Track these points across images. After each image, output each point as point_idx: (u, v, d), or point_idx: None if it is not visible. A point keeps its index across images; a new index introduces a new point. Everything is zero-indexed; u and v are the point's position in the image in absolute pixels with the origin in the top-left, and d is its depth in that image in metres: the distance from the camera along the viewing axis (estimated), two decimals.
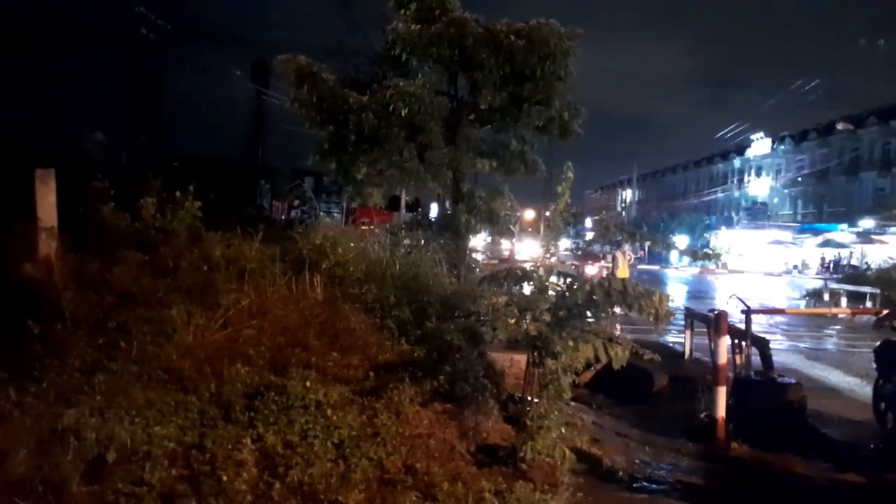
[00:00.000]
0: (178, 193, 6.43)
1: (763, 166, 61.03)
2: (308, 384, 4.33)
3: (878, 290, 19.50)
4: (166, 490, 3.33)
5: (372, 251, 7.61)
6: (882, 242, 38.07)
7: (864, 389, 8.01)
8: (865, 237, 41.06)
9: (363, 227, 13.28)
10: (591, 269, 22.22)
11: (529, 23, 9.91)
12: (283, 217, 27.87)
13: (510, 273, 5.85)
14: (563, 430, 5.06)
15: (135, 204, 6.34)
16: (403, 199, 25.24)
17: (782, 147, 58.50)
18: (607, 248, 21.11)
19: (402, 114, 9.33)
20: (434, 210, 21.71)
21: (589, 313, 5.29)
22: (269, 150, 33.52)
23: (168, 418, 3.79)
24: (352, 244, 7.20)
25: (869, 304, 18.91)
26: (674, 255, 44.90)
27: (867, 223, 41.93)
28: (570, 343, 4.96)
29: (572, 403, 6.29)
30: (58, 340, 4.19)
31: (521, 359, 6.11)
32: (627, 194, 76.95)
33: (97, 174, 6.84)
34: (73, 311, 4.51)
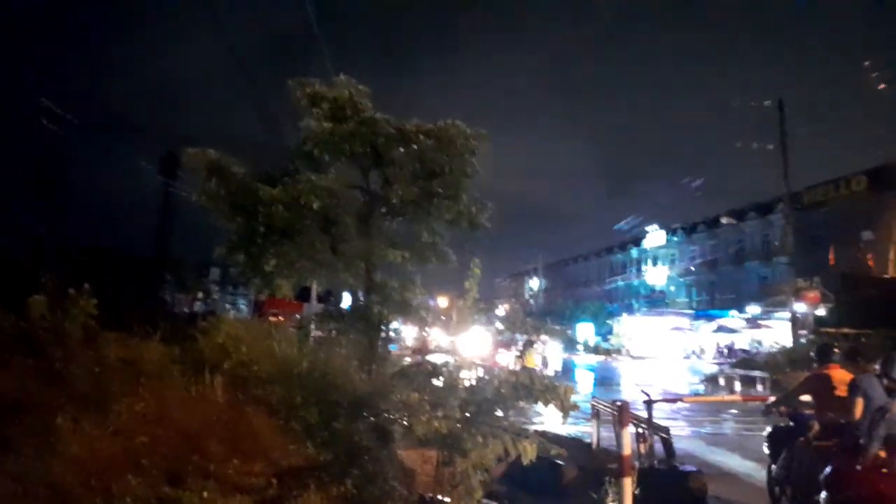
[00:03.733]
0: (71, 291, 6.11)
1: (659, 256, 64.67)
2: (205, 495, 4.10)
3: (766, 375, 20.72)
4: None
5: (278, 348, 7.41)
6: (767, 327, 40.63)
7: (759, 473, 8.34)
8: (753, 322, 43.76)
9: (272, 320, 12.92)
10: (502, 358, 22.44)
11: (438, 123, 10.39)
12: (186, 310, 26.78)
13: (421, 368, 5.87)
14: None
15: (25, 301, 5.97)
16: (315, 289, 24.87)
17: (675, 238, 62.43)
18: (517, 336, 21.45)
19: (315, 207, 9.40)
20: (346, 300, 21.48)
21: (498, 409, 5.36)
22: (176, 242, 32.56)
23: None
24: (257, 341, 7.00)
25: (759, 387, 20.02)
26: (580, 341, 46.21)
27: (754, 309, 44.82)
28: (480, 440, 4.97)
29: (483, 501, 6.22)
30: None
31: (433, 455, 6.02)
32: (534, 283, 79.20)
33: None
34: None
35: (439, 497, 5.31)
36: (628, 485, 6.55)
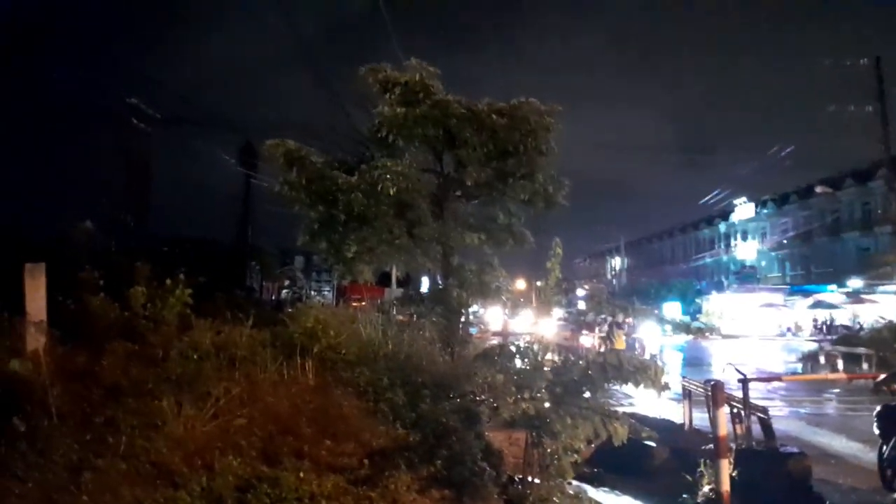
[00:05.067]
0: (167, 281, 6.41)
1: (748, 230, 61.84)
2: (301, 475, 4.21)
3: (872, 352, 19.44)
4: None
5: (363, 332, 7.52)
6: (872, 302, 38.25)
7: (868, 455, 7.87)
8: (856, 297, 41.23)
9: (354, 304, 13.18)
10: (586, 340, 22.10)
11: (510, 102, 10.23)
12: (273, 297, 27.76)
13: (504, 350, 5.81)
14: None
15: (124, 292, 6.30)
16: (394, 274, 25.21)
17: (765, 211, 59.44)
18: (601, 317, 21.04)
19: (391, 192, 9.46)
20: (425, 284, 21.68)
21: (586, 390, 5.24)
22: (258, 230, 33.80)
23: None
24: (343, 325, 7.13)
25: (865, 365, 18.81)
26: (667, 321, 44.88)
27: (855, 283, 42.22)
28: (569, 421, 4.88)
29: (573, 482, 6.12)
30: (43, 438, 4.08)
31: (520, 437, 5.97)
32: (616, 262, 77.43)
33: (86, 264, 6.81)
34: (60, 406, 4.41)
35: (528, 478, 5.27)
36: (725, 466, 6.29)
